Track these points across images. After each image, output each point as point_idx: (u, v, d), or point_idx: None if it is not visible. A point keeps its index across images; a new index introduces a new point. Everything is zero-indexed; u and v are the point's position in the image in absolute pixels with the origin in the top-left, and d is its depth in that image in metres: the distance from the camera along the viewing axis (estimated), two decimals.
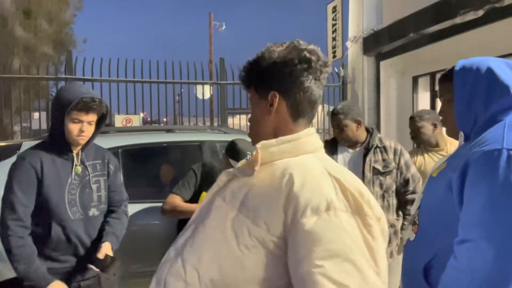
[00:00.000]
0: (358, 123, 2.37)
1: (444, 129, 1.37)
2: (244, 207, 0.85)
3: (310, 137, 0.94)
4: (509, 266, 0.96)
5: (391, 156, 2.37)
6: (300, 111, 0.93)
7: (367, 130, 2.46)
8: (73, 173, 1.81)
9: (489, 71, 1.14)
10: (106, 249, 1.77)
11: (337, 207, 0.79)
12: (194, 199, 2.41)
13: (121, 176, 2.75)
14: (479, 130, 1.14)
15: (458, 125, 1.21)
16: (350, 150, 2.43)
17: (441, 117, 1.33)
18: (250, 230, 0.81)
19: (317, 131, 6.55)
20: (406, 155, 2.44)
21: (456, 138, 1.26)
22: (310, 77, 0.91)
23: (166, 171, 3.12)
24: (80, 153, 1.85)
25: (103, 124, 1.88)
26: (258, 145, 0.90)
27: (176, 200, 2.40)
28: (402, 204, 2.41)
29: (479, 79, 1.15)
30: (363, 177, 2.31)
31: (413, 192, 2.40)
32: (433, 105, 6.20)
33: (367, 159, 2.34)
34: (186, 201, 2.41)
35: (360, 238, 0.78)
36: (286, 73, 0.91)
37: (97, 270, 1.71)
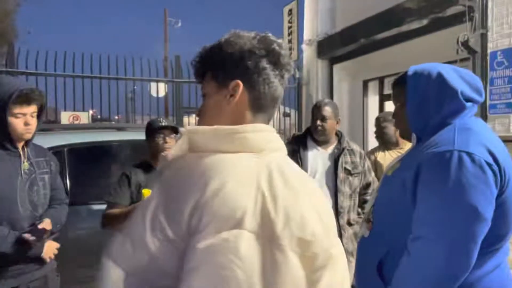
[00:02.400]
0: (337, 122, 2.46)
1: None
2: (163, 199, 0.75)
3: (256, 133, 0.80)
4: (458, 262, 1.02)
5: (358, 159, 2.48)
6: (261, 105, 0.83)
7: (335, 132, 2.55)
8: (21, 170, 1.75)
9: (440, 76, 1.20)
10: (46, 223, 1.76)
11: (245, 226, 0.67)
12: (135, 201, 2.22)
13: (67, 176, 2.63)
14: (431, 132, 1.19)
15: (410, 127, 1.27)
16: (320, 149, 2.47)
17: (394, 120, 1.38)
18: (161, 226, 0.72)
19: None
20: (368, 160, 2.59)
21: (409, 139, 1.31)
22: (276, 72, 0.84)
23: (115, 172, 2.99)
24: (25, 149, 1.80)
25: (42, 116, 1.83)
26: (183, 129, 0.80)
27: (115, 212, 2.15)
28: (360, 204, 2.53)
29: (430, 83, 1.21)
30: (335, 177, 2.39)
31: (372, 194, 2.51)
32: (381, 108, 6.47)
33: (340, 160, 2.40)
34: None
35: (258, 268, 0.67)
36: (253, 63, 0.82)
37: (32, 238, 1.67)
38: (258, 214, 0.69)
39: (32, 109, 1.73)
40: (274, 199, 0.71)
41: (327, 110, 2.43)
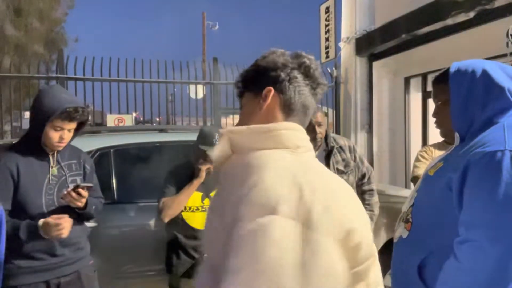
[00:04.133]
0: (329, 125, 2.46)
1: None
2: (221, 192, 0.87)
3: (288, 131, 0.87)
4: (511, 266, 0.98)
5: (348, 154, 2.43)
6: (292, 110, 0.90)
7: None
8: (50, 174, 1.81)
9: (485, 73, 1.16)
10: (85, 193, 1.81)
11: (281, 212, 0.72)
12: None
13: (113, 176, 2.75)
14: (476, 132, 1.16)
15: (453, 127, 1.23)
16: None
17: (435, 119, 1.34)
18: (231, 217, 0.78)
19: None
20: (358, 150, 2.53)
21: (451, 139, 1.27)
22: (307, 82, 0.91)
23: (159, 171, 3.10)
24: (55, 154, 1.86)
25: (82, 128, 1.91)
26: (223, 130, 0.88)
27: (169, 201, 2.32)
28: (360, 196, 2.47)
29: (475, 81, 1.17)
30: None
31: (369, 183, 2.51)
32: (424, 106, 6.25)
33: (331, 161, 2.37)
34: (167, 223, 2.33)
35: (291, 250, 0.71)
36: (284, 72, 0.90)
37: (70, 190, 1.75)
38: (294, 202, 0.74)
39: (72, 125, 1.81)
40: (312, 189, 0.77)
41: (321, 116, 2.41)
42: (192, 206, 2.33)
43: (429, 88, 6.04)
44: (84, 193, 1.78)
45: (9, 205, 1.71)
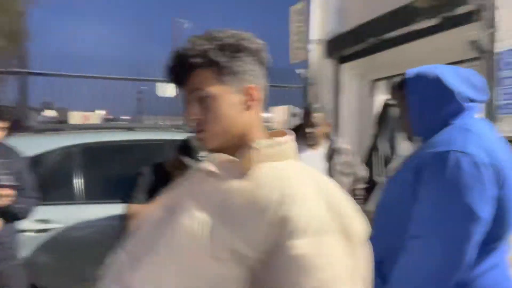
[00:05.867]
0: (329, 125, 2.49)
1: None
2: (221, 213, 0.71)
3: (293, 142, 0.85)
4: (454, 260, 1.04)
5: (348, 157, 2.49)
6: (264, 102, 0.86)
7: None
8: None
9: (437, 78, 1.21)
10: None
11: (328, 228, 0.71)
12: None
13: (78, 175, 2.66)
14: (432, 134, 1.21)
15: (413, 129, 1.28)
16: (311, 150, 2.49)
17: (399, 122, 1.40)
18: (225, 242, 0.69)
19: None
20: (354, 154, 2.65)
21: (413, 142, 1.33)
22: (264, 70, 0.86)
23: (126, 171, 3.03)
24: None
25: (14, 128, 2.06)
26: (255, 144, 0.78)
27: (137, 209, 2.22)
28: (353, 196, 2.55)
29: (429, 86, 1.22)
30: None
31: (358, 182, 2.60)
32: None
33: (333, 161, 2.42)
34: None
35: (347, 262, 0.72)
36: (257, 61, 0.83)
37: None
38: (331, 215, 0.73)
39: (2, 124, 1.94)
40: (332, 200, 0.76)
41: (317, 117, 2.44)
42: None
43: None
44: (5, 192, 1.81)
45: None
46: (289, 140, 0.84)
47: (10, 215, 1.92)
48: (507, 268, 1.18)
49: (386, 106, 2.96)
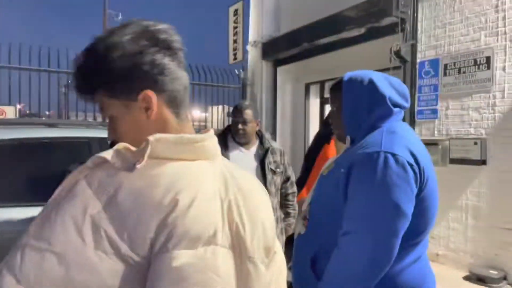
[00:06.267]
0: (257, 124, 2.51)
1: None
2: (110, 206, 0.66)
3: (212, 140, 0.79)
4: (382, 255, 1.10)
5: (279, 157, 2.55)
6: (179, 102, 0.77)
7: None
8: None
9: (371, 82, 1.28)
10: None
11: (219, 242, 0.65)
12: None
13: None
14: (363, 135, 1.27)
15: (345, 130, 1.34)
16: (243, 149, 2.50)
17: (331, 123, 1.45)
18: (110, 239, 0.64)
19: (217, 131, 6.56)
20: (286, 155, 2.69)
21: (344, 141, 1.39)
22: (175, 61, 0.76)
23: (45, 170, 2.81)
24: None
25: None
26: (151, 137, 0.71)
27: None
28: (284, 197, 2.65)
29: (362, 89, 1.29)
30: (264, 178, 2.44)
31: (292, 186, 2.68)
32: (321, 111, 6.74)
33: (266, 160, 2.46)
34: None
35: (234, 282, 0.65)
36: (148, 63, 0.72)
37: None
38: (227, 228, 0.67)
39: None
40: (238, 210, 0.69)
41: (248, 113, 2.47)
42: None
43: (326, 94, 6.54)
44: None
45: None
46: (206, 138, 0.77)
47: None
48: (428, 261, 1.28)
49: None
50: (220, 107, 7.27)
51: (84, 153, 2.60)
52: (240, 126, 2.44)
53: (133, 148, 0.72)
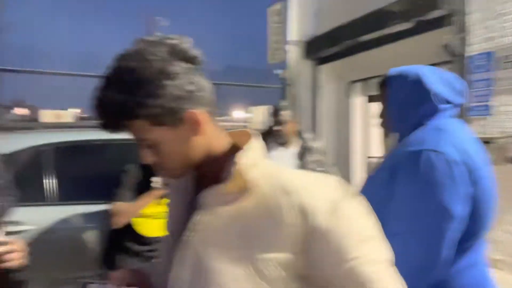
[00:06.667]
0: (295, 123, 2.53)
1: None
2: (246, 240, 0.71)
3: (259, 139, 0.82)
4: (430, 256, 1.06)
5: (320, 157, 2.53)
6: (214, 110, 0.78)
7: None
8: None
9: (417, 78, 1.24)
10: None
11: (341, 197, 0.73)
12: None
13: (51, 175, 2.58)
14: (409, 133, 1.23)
15: (392, 128, 1.31)
16: (282, 149, 2.52)
17: (380, 120, 1.42)
18: (264, 261, 0.69)
19: (261, 131, 6.61)
20: (328, 155, 2.66)
21: (390, 138, 1.35)
22: (202, 74, 0.77)
23: (105, 171, 2.97)
24: None
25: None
26: (236, 160, 0.73)
27: (123, 207, 2.22)
28: None
29: (409, 85, 1.25)
30: None
31: None
32: (366, 109, 6.56)
33: (306, 159, 2.45)
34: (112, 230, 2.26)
35: (372, 219, 0.77)
36: (187, 83, 0.72)
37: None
38: (334, 184, 0.75)
39: None
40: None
41: (285, 115, 2.51)
42: (143, 212, 2.25)
43: (371, 92, 6.36)
44: None
45: None
46: (257, 141, 0.80)
47: None
48: (486, 267, 1.21)
49: None
50: (264, 107, 7.31)
51: (137, 153, 2.73)
52: (277, 127, 2.47)
53: (221, 185, 0.74)
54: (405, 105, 1.25)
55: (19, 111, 14.32)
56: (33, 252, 1.96)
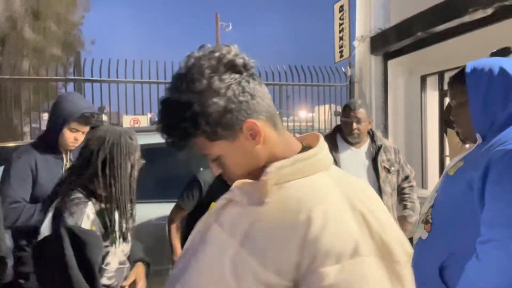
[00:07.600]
0: (370, 121, 2.46)
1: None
2: (248, 241, 0.69)
3: (324, 152, 0.79)
4: None
5: (393, 155, 2.43)
6: (273, 116, 0.77)
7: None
8: (63, 170, 1.97)
9: (503, 71, 1.14)
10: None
11: (363, 252, 0.65)
12: (199, 210, 2.36)
13: None
14: (497, 130, 1.14)
15: (474, 127, 1.21)
16: (353, 148, 2.45)
17: (454, 120, 1.32)
18: (255, 273, 0.66)
19: (324, 130, 6.53)
20: (401, 153, 2.56)
21: (472, 140, 1.26)
22: (256, 80, 0.76)
23: (174, 171, 3.15)
24: (68, 153, 2.07)
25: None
26: (271, 169, 0.72)
27: (178, 217, 2.36)
28: (400, 192, 2.50)
29: (493, 80, 1.15)
30: (377, 177, 2.36)
31: (409, 181, 2.54)
32: (441, 105, 6.15)
33: (379, 158, 2.37)
34: (189, 213, 2.35)
35: (387, 285, 0.65)
36: (240, 94, 0.72)
37: None
38: (367, 236, 0.67)
39: (86, 128, 1.97)
40: (371, 214, 0.70)
41: (361, 112, 2.40)
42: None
43: (446, 86, 5.95)
44: None
45: (28, 197, 1.87)
46: (318, 151, 0.77)
47: None
48: None
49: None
50: (327, 106, 7.19)
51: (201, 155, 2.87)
52: (354, 125, 2.39)
53: (252, 182, 0.74)
54: (492, 102, 1.15)
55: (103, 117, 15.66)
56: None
